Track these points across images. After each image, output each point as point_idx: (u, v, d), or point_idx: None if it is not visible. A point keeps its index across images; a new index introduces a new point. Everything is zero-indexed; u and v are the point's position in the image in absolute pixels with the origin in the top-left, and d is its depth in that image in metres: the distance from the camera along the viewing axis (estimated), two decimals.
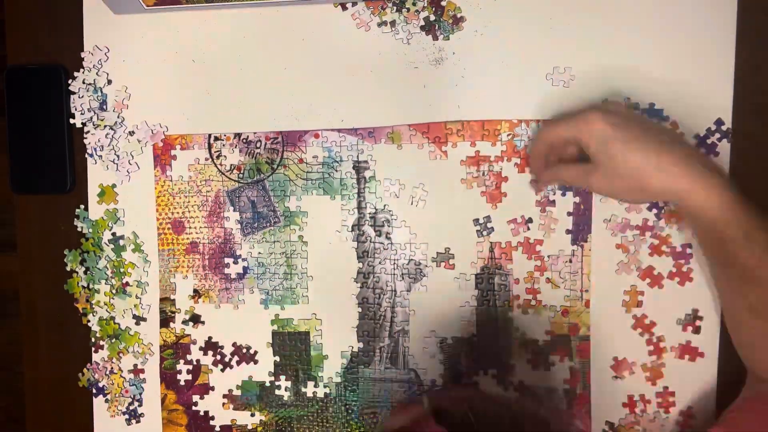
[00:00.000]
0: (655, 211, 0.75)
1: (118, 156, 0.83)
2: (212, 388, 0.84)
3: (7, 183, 0.87)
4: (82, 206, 0.85)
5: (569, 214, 0.77)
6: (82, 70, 0.83)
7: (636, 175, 0.63)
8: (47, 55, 0.85)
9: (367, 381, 0.81)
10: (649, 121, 0.70)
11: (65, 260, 0.85)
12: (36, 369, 0.88)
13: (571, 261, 0.77)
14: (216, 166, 0.82)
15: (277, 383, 0.82)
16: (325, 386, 0.82)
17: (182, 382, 0.84)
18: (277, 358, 0.82)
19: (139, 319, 0.84)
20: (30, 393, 0.88)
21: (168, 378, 0.84)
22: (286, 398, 0.82)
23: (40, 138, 0.84)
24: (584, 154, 0.68)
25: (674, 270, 0.75)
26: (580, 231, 0.77)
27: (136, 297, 0.84)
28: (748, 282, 0.63)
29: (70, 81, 0.83)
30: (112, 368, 0.85)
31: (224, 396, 0.83)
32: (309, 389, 0.82)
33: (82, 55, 0.83)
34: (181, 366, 0.84)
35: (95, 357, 0.85)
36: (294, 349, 0.82)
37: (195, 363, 0.84)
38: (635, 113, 0.71)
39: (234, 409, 0.83)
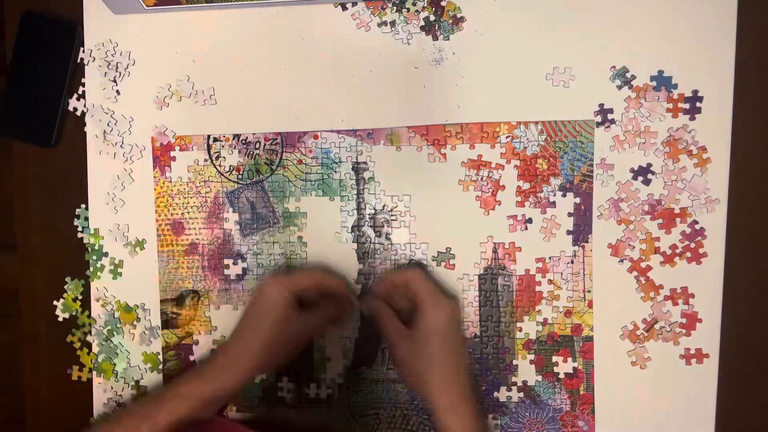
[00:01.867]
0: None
1: (117, 155, 0.83)
2: None
3: (8, 182, 0.87)
4: (83, 205, 0.85)
5: (570, 214, 0.77)
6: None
7: (430, 368, 0.70)
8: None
9: (370, 382, 0.81)
10: (465, 344, 0.79)
11: (66, 287, 0.86)
12: (36, 369, 0.88)
13: (572, 262, 0.77)
14: (215, 167, 0.82)
15: (279, 385, 0.82)
16: (327, 387, 0.82)
17: None
18: None
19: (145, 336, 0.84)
20: (30, 393, 0.88)
21: (171, 379, 0.84)
22: (288, 400, 0.82)
23: (38, 88, 0.84)
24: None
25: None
26: (581, 232, 0.77)
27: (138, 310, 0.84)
28: None
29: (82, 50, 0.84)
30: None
31: None
32: (311, 390, 0.82)
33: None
34: (184, 366, 0.84)
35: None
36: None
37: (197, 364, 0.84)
38: (463, 330, 0.79)
39: (237, 410, 0.83)
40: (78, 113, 0.84)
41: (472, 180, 0.78)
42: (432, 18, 0.78)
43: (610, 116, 0.76)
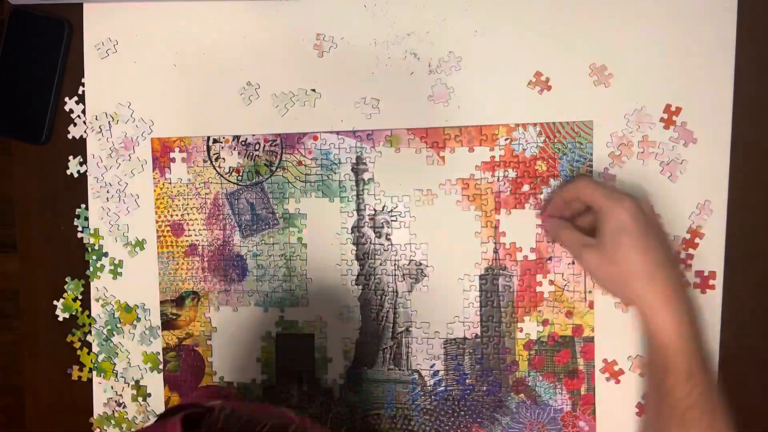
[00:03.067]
0: None
1: (113, 156, 0.83)
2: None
3: (8, 183, 0.87)
4: (83, 205, 0.85)
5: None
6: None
7: (627, 270, 0.66)
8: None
9: (371, 382, 0.81)
10: (664, 235, 0.71)
11: (66, 287, 0.86)
12: (36, 368, 0.88)
13: (573, 263, 0.77)
14: (215, 169, 0.82)
15: (280, 385, 0.82)
16: (328, 388, 0.82)
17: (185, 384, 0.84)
18: (281, 361, 0.82)
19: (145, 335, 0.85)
20: (30, 392, 0.88)
21: (171, 380, 0.84)
22: (289, 400, 0.82)
23: (28, 85, 0.84)
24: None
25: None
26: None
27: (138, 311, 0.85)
28: (675, 422, 0.64)
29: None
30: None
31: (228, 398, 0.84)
32: (312, 391, 0.82)
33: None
34: (185, 367, 0.84)
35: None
36: (298, 351, 0.82)
37: (198, 365, 0.84)
38: (659, 222, 0.72)
39: None
40: (78, 113, 0.84)
41: (472, 182, 0.78)
42: None
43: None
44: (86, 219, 0.85)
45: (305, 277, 0.81)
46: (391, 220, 0.80)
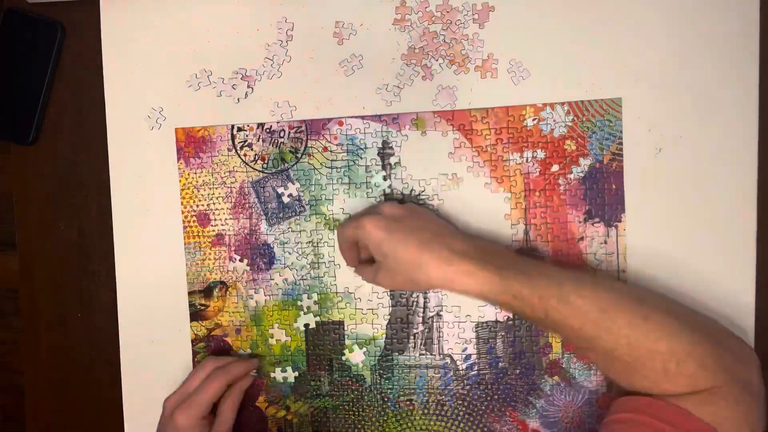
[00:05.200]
0: None
1: (140, 147, 0.83)
2: None
3: (7, 181, 0.87)
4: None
5: (601, 194, 0.76)
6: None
7: (405, 270, 0.69)
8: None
9: (402, 368, 0.80)
10: (417, 218, 0.73)
11: None
12: (36, 368, 0.88)
13: (605, 242, 0.76)
14: (240, 157, 0.82)
15: (311, 373, 0.82)
16: (360, 375, 0.81)
17: None
18: (310, 348, 0.82)
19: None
20: (30, 392, 0.88)
21: None
22: (320, 388, 0.82)
23: (17, 85, 0.84)
24: None
25: None
26: (614, 212, 0.76)
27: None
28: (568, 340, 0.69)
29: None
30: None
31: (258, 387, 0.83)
32: (344, 378, 0.81)
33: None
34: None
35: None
36: (328, 339, 0.81)
37: (227, 355, 0.83)
38: (407, 210, 0.74)
39: (268, 401, 0.83)
40: (85, 107, 0.84)
41: (500, 163, 0.77)
42: None
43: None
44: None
45: (333, 264, 0.81)
46: (420, 204, 0.79)
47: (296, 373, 0.82)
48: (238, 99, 0.81)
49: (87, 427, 0.87)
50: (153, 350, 0.84)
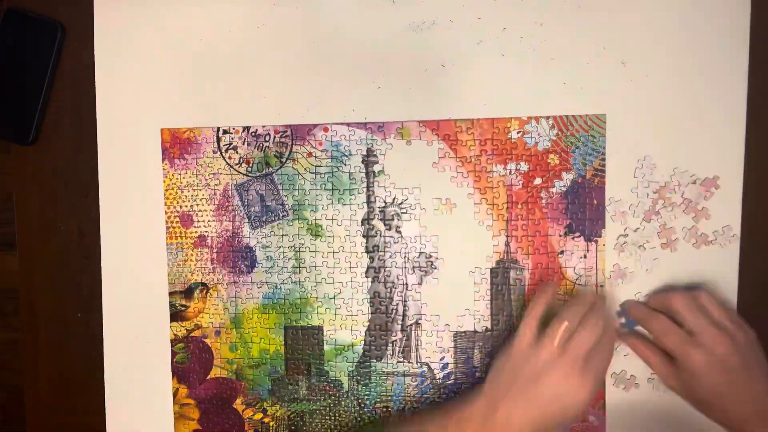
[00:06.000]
0: None
1: (126, 148, 0.83)
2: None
3: (7, 181, 0.86)
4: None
5: (582, 209, 0.77)
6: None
7: (719, 400, 0.68)
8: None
9: (380, 375, 0.81)
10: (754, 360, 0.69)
11: None
12: (36, 368, 0.87)
13: (585, 257, 0.77)
14: (224, 160, 0.82)
15: (289, 377, 0.82)
16: (337, 380, 0.82)
17: (194, 376, 0.84)
18: (289, 353, 0.82)
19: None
20: (30, 392, 0.88)
21: (179, 372, 0.84)
22: (298, 392, 0.82)
23: (17, 85, 0.84)
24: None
25: None
26: (594, 227, 0.77)
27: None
28: None
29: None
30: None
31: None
32: (321, 383, 0.82)
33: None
34: (193, 359, 0.84)
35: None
36: (306, 343, 0.82)
37: (207, 357, 0.83)
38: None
39: (245, 403, 0.83)
40: (84, 108, 0.84)
41: (484, 175, 0.78)
42: None
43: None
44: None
45: (314, 269, 0.81)
46: (402, 213, 0.79)
47: (274, 377, 0.82)
48: (225, 101, 0.81)
49: (87, 427, 0.87)
50: (134, 349, 0.84)
